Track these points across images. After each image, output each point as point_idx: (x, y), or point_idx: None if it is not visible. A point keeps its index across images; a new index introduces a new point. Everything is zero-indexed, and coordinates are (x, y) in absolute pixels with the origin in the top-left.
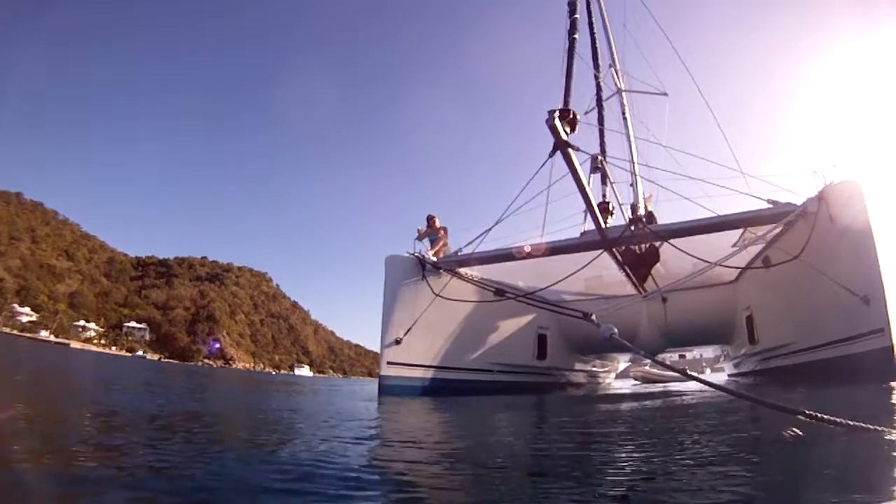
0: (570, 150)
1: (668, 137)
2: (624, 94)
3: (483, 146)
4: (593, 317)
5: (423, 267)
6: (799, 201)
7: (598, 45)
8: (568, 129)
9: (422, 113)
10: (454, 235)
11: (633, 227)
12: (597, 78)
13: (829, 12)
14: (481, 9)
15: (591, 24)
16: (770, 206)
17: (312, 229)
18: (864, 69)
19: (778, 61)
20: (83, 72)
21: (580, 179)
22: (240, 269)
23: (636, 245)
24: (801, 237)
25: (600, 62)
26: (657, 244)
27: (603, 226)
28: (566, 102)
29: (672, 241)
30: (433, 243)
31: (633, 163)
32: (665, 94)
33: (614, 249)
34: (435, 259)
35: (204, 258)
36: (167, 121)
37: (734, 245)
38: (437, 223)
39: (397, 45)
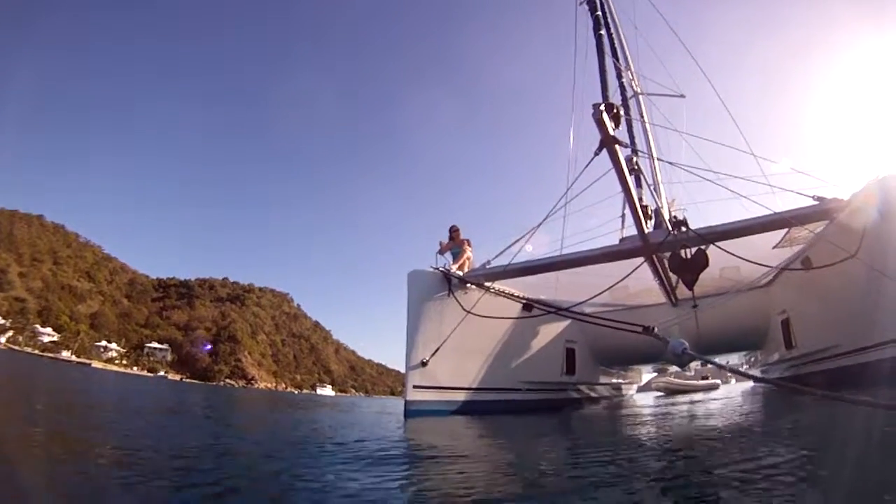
0: (616, 146)
1: (688, 140)
2: (641, 98)
3: (508, 159)
4: (656, 330)
5: (449, 282)
6: (844, 196)
7: (616, 44)
8: (612, 125)
9: (447, 128)
10: (477, 249)
11: (675, 231)
12: (620, 78)
13: (841, 17)
14: (495, 17)
15: (607, 24)
16: (816, 202)
17: (332, 249)
18: (879, 70)
19: (795, 62)
20: (85, 85)
21: (626, 179)
22: (261, 289)
23: (682, 250)
24: (852, 233)
25: (620, 62)
26: (704, 247)
27: (646, 230)
28: (605, 97)
29: (718, 243)
30: (456, 257)
31: (655, 168)
32: (683, 96)
33: (655, 256)
34: (461, 273)
35: (225, 279)
36: (184, 142)
37: (776, 246)
38: (461, 235)
39: (413, 63)
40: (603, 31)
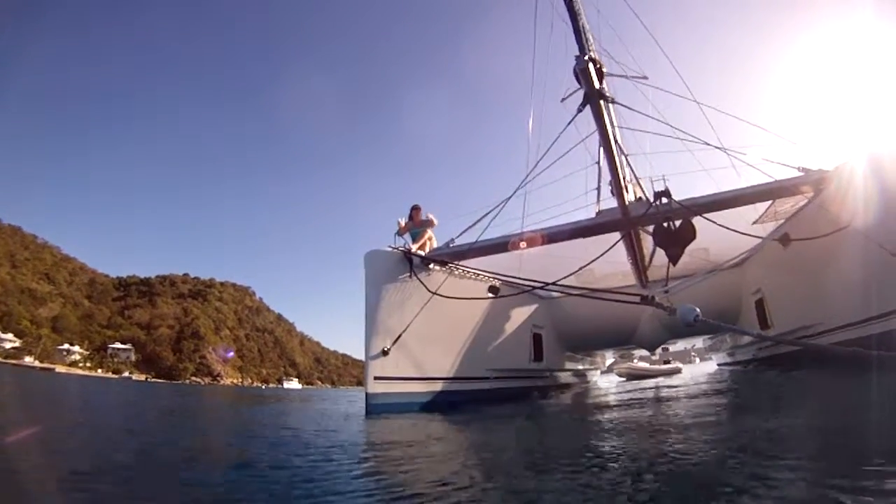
0: (601, 101)
1: (654, 122)
2: (605, 78)
3: (478, 146)
4: (657, 299)
5: (410, 262)
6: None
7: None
8: (597, 79)
9: (417, 116)
10: (441, 233)
11: (658, 203)
12: (589, 50)
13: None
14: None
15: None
16: (801, 173)
17: (293, 237)
18: (840, 51)
19: (757, 41)
20: (62, 77)
21: (608, 137)
22: (222, 284)
23: (667, 222)
24: (844, 205)
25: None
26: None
27: (626, 201)
28: (582, 51)
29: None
30: (415, 238)
31: (622, 147)
32: (645, 78)
33: (632, 233)
34: (423, 254)
35: (186, 275)
36: (141, 138)
37: (756, 222)
38: (422, 215)
39: (395, 47)
40: None
